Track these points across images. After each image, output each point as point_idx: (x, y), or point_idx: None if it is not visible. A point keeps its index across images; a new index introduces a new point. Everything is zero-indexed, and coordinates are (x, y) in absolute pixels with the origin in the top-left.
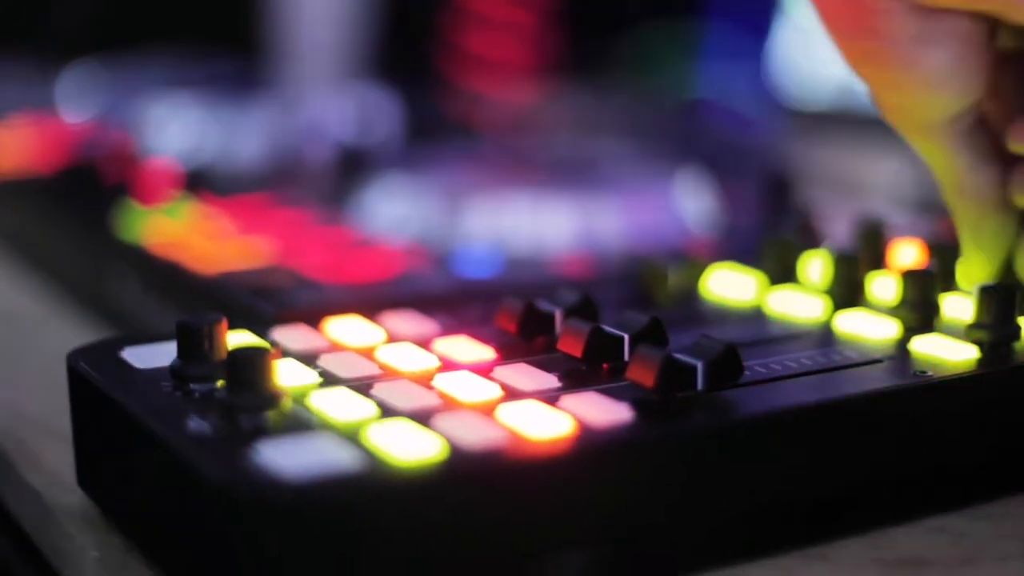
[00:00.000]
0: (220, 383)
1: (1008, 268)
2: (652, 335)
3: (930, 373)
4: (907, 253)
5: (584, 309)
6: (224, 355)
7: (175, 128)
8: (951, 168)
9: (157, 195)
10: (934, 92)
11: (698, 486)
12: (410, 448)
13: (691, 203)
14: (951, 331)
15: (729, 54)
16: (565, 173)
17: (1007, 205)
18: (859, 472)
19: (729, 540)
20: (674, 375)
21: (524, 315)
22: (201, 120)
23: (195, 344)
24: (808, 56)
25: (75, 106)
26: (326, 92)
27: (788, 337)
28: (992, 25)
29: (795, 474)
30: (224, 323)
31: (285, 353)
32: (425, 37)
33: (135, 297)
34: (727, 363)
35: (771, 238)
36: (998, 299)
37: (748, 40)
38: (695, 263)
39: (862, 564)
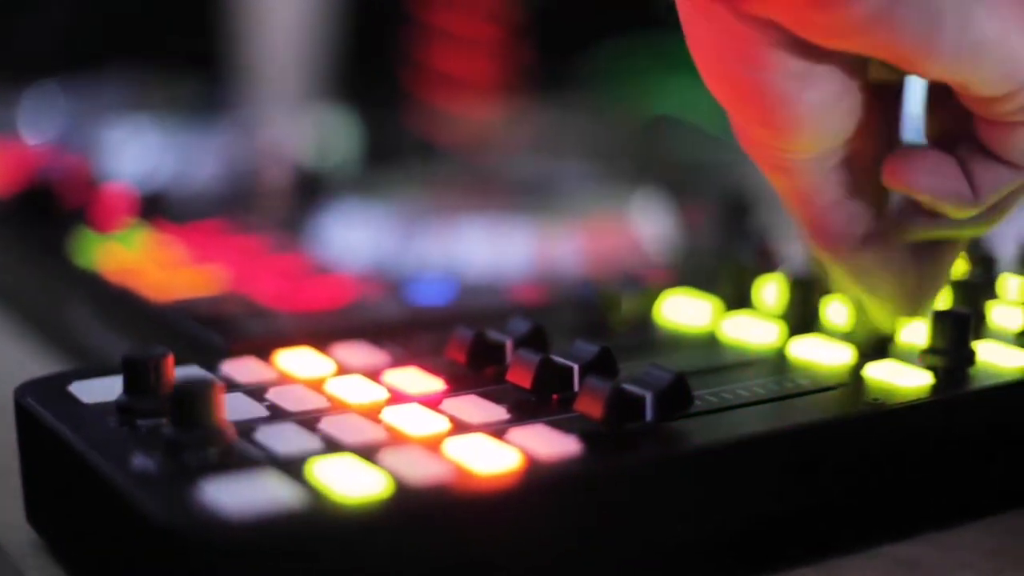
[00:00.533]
0: (166, 418)
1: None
2: (602, 365)
3: (883, 401)
4: None
5: (535, 339)
6: (170, 389)
7: (133, 152)
8: (813, 206)
9: (112, 221)
10: (806, 131)
11: (646, 518)
12: (354, 484)
13: (649, 226)
14: (906, 356)
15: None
16: (522, 197)
17: (879, 242)
18: (810, 501)
19: (678, 571)
20: (622, 406)
21: (474, 345)
22: (159, 143)
23: (141, 378)
24: None
25: (35, 128)
26: (286, 114)
27: (741, 364)
28: (865, 61)
29: (745, 505)
30: (170, 357)
31: (233, 386)
32: (390, 54)
33: (87, 324)
34: (676, 393)
35: (726, 262)
36: (952, 324)
37: None
38: (649, 289)
39: None
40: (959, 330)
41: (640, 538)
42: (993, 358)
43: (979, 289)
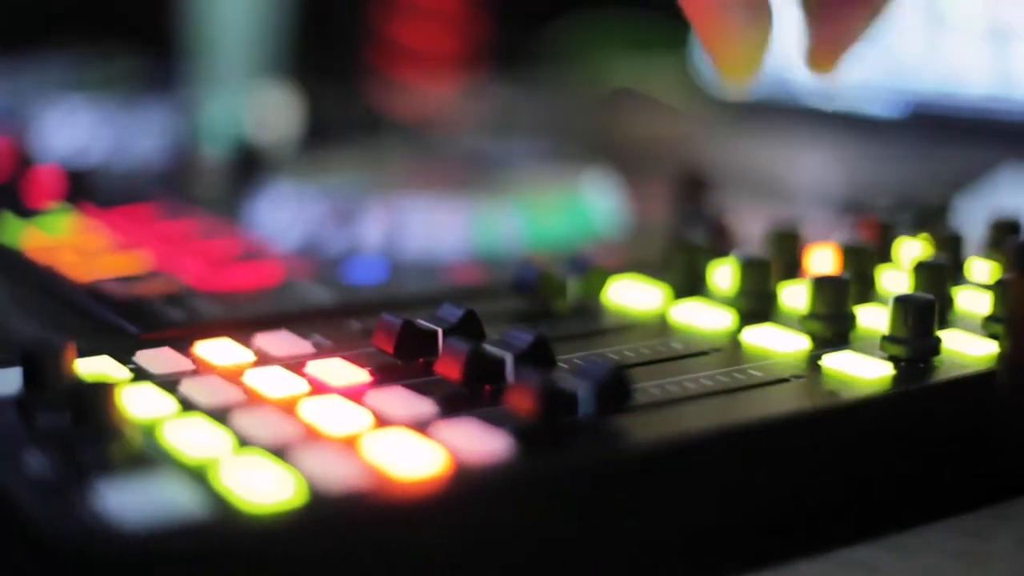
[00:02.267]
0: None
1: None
2: (537, 355)
3: (839, 393)
4: (822, 259)
5: (468, 326)
6: (71, 383)
7: (67, 131)
8: None
9: (41, 201)
10: None
11: (584, 522)
12: (263, 490)
13: (598, 204)
14: (866, 345)
15: (656, 44)
16: (464, 174)
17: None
18: (761, 502)
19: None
20: (557, 401)
21: (402, 334)
22: (95, 122)
23: (40, 372)
24: None
25: None
26: (231, 90)
27: (690, 353)
28: None
29: (692, 506)
30: (72, 348)
31: (145, 377)
32: (347, 27)
33: (6, 306)
34: (616, 386)
35: (678, 244)
36: (915, 310)
37: (675, 29)
38: (597, 272)
39: None
40: (922, 317)
41: (575, 543)
42: (959, 347)
43: (945, 272)
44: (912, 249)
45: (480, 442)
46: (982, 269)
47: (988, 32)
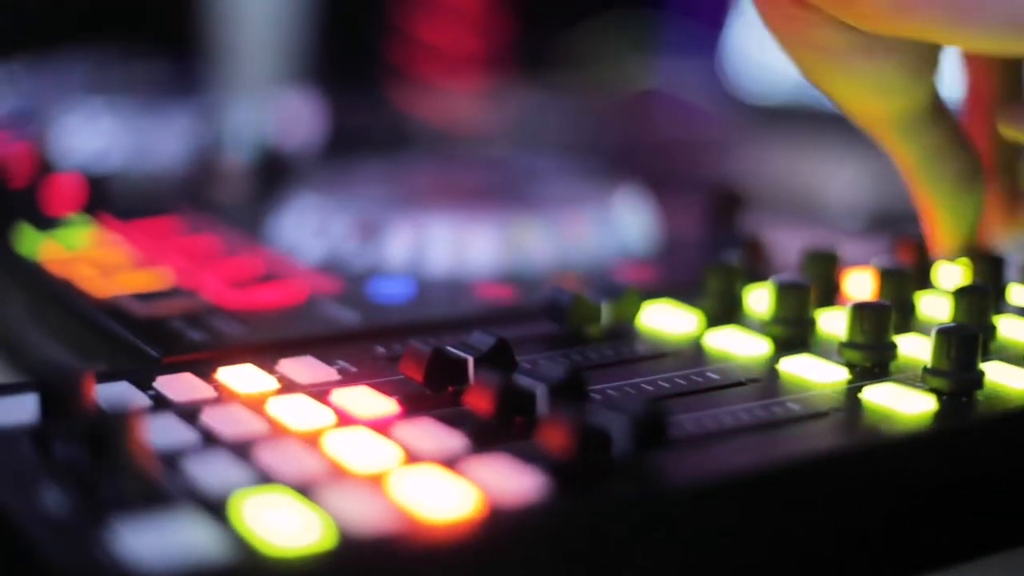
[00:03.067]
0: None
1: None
2: (570, 387)
3: (882, 429)
4: (860, 283)
5: (499, 355)
6: (90, 412)
7: (88, 135)
8: (911, 159)
9: (59, 209)
10: (878, 96)
11: (616, 563)
12: (287, 531)
13: (630, 221)
14: (906, 375)
15: (684, 48)
16: (493, 190)
17: (973, 183)
18: (800, 541)
19: None
20: (589, 439)
21: (431, 362)
22: (116, 127)
23: (58, 401)
24: (763, 50)
25: None
26: (255, 96)
27: (726, 384)
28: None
29: (730, 546)
30: (91, 377)
31: (166, 405)
32: (372, 29)
33: (23, 321)
34: (653, 422)
35: (713, 267)
36: (958, 342)
37: (703, 33)
38: (631, 296)
39: None
40: (966, 349)
41: None
42: (1002, 379)
43: (987, 299)
44: (951, 272)
45: (513, 482)
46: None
47: None
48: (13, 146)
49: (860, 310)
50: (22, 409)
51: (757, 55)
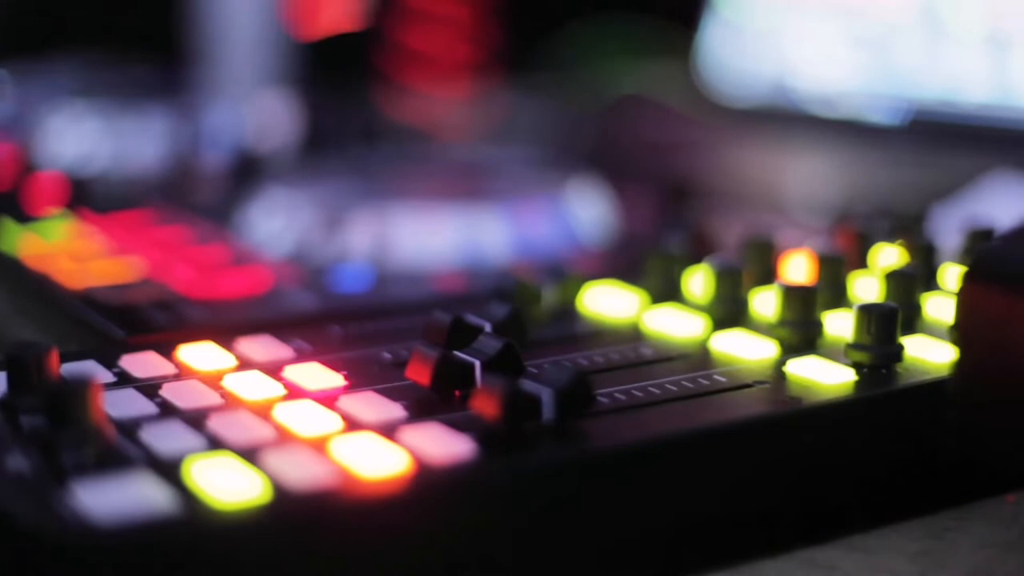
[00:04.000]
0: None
1: None
2: (505, 362)
3: (801, 399)
4: (796, 266)
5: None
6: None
7: (72, 138)
8: None
9: (42, 207)
10: None
11: (542, 522)
12: (231, 488)
13: (583, 213)
14: (834, 352)
15: (660, 50)
16: (454, 183)
17: None
18: (722, 504)
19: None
20: (519, 405)
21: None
22: (98, 130)
23: (22, 374)
24: (737, 53)
25: None
26: (234, 98)
27: (660, 359)
28: None
29: (652, 507)
30: (54, 352)
31: (128, 381)
32: (358, 32)
33: (4, 312)
34: (578, 392)
35: (654, 252)
36: (878, 317)
37: (679, 36)
38: (572, 279)
39: None
40: (885, 325)
41: (534, 544)
42: (922, 354)
43: (914, 280)
44: (887, 257)
45: (444, 445)
46: (955, 277)
47: (988, 40)
48: (0, 149)
49: (788, 290)
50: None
51: (731, 58)
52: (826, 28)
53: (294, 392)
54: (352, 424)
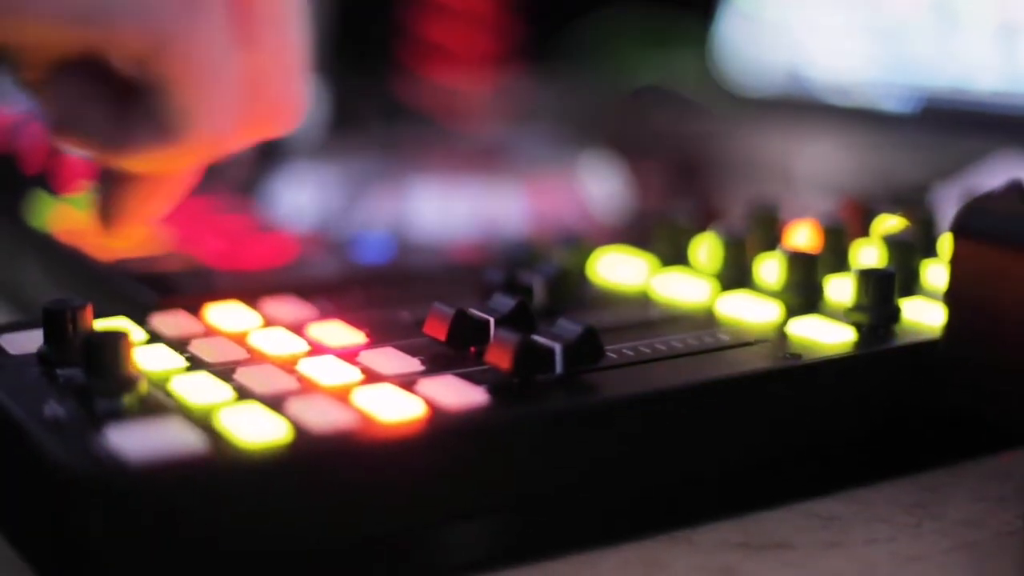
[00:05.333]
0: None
1: None
2: (518, 319)
3: (800, 355)
4: (800, 235)
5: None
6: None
7: None
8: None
9: (71, 185)
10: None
11: (553, 469)
12: (256, 431)
13: (597, 188)
14: (835, 314)
15: (679, 40)
16: (472, 159)
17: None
18: (724, 456)
19: (588, 524)
20: (531, 358)
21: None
22: None
23: (59, 329)
24: (753, 43)
25: (5, 97)
26: None
27: (666, 320)
28: None
29: (657, 458)
30: (88, 308)
31: (158, 338)
32: (379, 24)
33: (38, 283)
34: (586, 346)
35: (662, 220)
36: (876, 280)
37: (695, 26)
38: (582, 245)
39: (727, 547)
40: (883, 287)
41: (544, 489)
42: (919, 316)
43: (913, 247)
44: (888, 227)
45: (458, 394)
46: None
47: (999, 28)
48: (28, 133)
49: (791, 256)
50: (33, 341)
51: (747, 48)
52: (839, 18)
53: (317, 348)
54: (372, 376)
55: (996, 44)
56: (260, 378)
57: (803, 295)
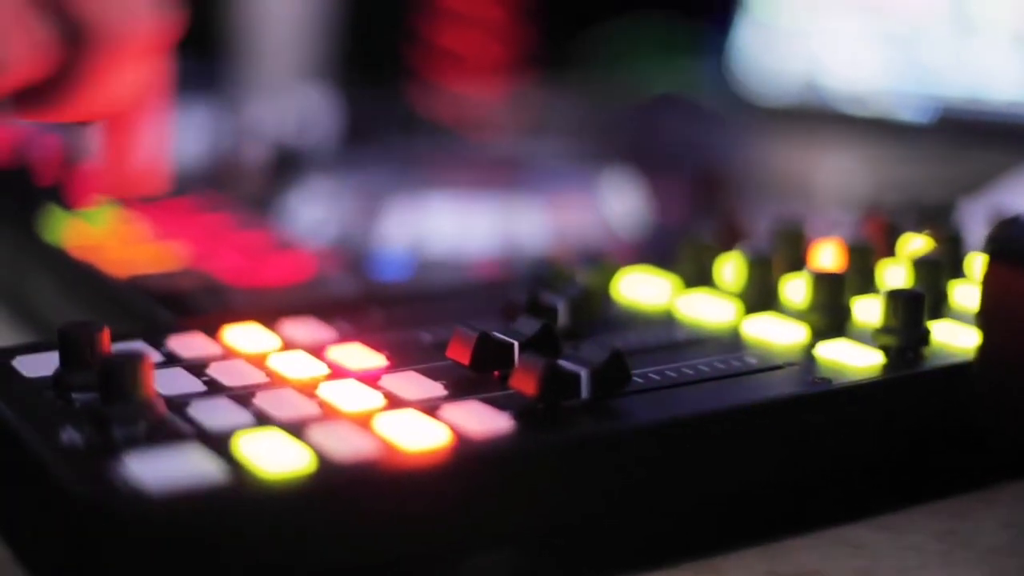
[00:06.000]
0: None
1: None
2: (543, 342)
3: (830, 379)
4: (826, 255)
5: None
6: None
7: None
8: None
9: (85, 198)
10: None
11: (578, 497)
12: (278, 460)
13: (618, 204)
14: (862, 336)
15: (694, 50)
16: (492, 174)
17: None
18: (752, 481)
19: (614, 552)
20: (557, 383)
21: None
22: None
23: (75, 352)
24: (769, 52)
25: None
26: (274, 92)
27: (692, 342)
28: None
29: (683, 484)
30: (106, 331)
31: (175, 361)
32: (392, 31)
33: (51, 300)
34: (613, 370)
35: (687, 239)
36: (905, 302)
37: (712, 35)
38: (605, 265)
39: (754, 575)
40: (912, 310)
41: (572, 517)
42: (948, 338)
43: (941, 267)
44: (915, 246)
45: (483, 420)
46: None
47: (1016, 37)
48: (41, 144)
49: (818, 277)
50: (47, 364)
51: (763, 57)
52: (856, 27)
53: (337, 371)
54: (394, 401)
55: (1013, 53)
56: (280, 403)
57: (830, 317)
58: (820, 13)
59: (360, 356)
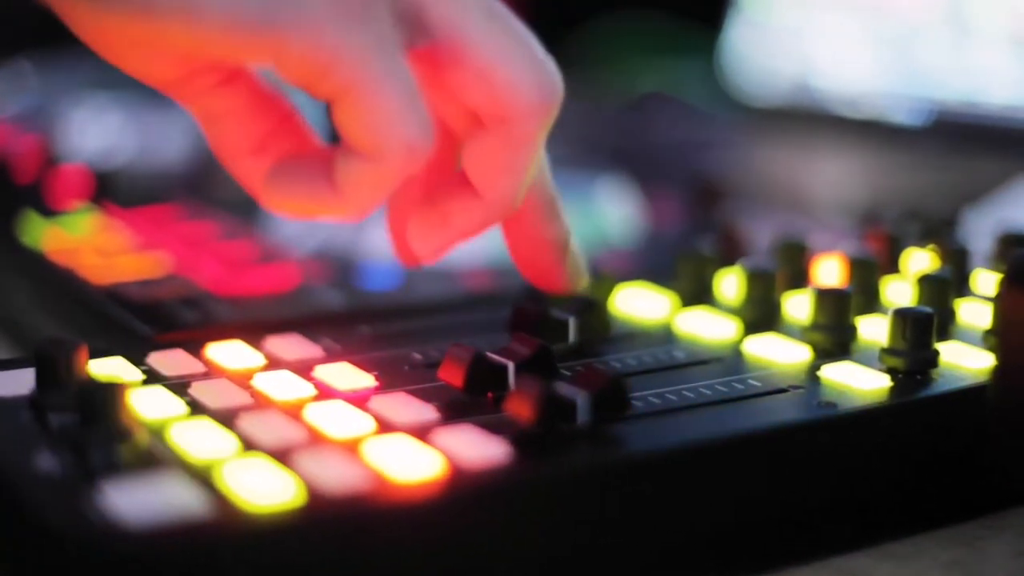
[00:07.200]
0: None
1: None
2: (539, 364)
3: (836, 404)
4: (828, 270)
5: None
6: (82, 383)
7: (94, 131)
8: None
9: (65, 200)
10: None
11: (576, 527)
12: (264, 491)
13: (612, 213)
14: (867, 357)
15: (683, 48)
16: None
17: None
18: (755, 511)
19: None
20: (553, 409)
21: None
22: (121, 123)
23: (52, 372)
24: (761, 52)
25: (1, 105)
26: None
27: (693, 362)
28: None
29: (685, 513)
30: (84, 349)
31: (156, 379)
32: None
33: (27, 306)
34: (612, 396)
35: (686, 253)
36: (913, 322)
37: (703, 34)
38: (603, 280)
39: None
40: (920, 330)
41: (570, 547)
42: (957, 359)
43: (948, 285)
44: (919, 261)
45: (478, 448)
46: (988, 282)
47: (1013, 40)
48: (22, 142)
49: (822, 294)
50: (21, 382)
51: (755, 57)
52: (850, 28)
53: (325, 392)
54: (384, 426)
55: (1010, 56)
56: (265, 427)
57: (835, 336)
58: (814, 12)
59: (348, 376)
